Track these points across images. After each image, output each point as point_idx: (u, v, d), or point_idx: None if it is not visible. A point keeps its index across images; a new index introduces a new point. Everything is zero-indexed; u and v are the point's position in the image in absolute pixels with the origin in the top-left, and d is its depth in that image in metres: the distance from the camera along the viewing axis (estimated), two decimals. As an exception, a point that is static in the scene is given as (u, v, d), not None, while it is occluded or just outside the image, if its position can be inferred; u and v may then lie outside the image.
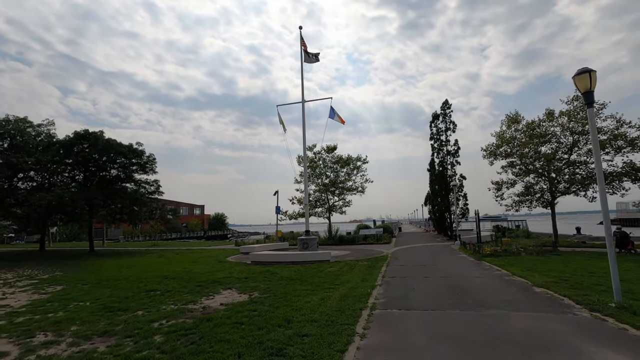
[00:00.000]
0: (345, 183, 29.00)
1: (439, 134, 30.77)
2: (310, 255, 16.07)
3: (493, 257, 14.57)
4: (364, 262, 14.66)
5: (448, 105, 30.62)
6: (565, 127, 20.24)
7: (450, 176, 29.76)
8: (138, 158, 27.82)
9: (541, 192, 21.36)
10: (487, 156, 23.37)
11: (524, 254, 15.06)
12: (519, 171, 22.42)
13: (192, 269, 14.22)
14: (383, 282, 9.85)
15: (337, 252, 20.57)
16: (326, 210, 29.80)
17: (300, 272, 12.43)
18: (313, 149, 30.03)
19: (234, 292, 9.06)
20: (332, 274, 11.68)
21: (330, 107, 21.36)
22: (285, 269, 13.49)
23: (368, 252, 19.60)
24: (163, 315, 6.78)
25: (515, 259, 13.80)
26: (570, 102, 19.86)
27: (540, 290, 7.94)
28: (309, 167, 29.49)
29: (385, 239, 28.17)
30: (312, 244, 19.83)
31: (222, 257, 19.61)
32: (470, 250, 17.12)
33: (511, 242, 18.45)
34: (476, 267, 12.31)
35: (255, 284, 10.25)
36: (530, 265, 11.88)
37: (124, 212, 26.70)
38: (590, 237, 25.53)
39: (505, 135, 22.54)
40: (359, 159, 29.44)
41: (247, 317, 6.41)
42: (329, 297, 7.79)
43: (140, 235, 65.11)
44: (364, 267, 13.00)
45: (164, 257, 21.32)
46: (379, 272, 11.79)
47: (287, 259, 15.77)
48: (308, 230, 20.66)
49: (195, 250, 26.98)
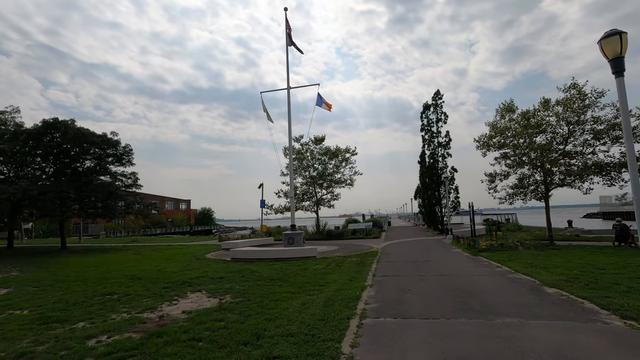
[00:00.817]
0: (333, 175, 27.87)
1: (429, 125, 29.88)
2: (295, 251, 14.92)
3: (490, 252, 13.68)
4: (353, 259, 13.60)
5: (439, 96, 29.72)
6: (561, 117, 19.47)
7: (441, 168, 28.95)
8: (113, 149, 26.13)
9: (535, 184, 20.62)
10: (480, 147, 22.49)
11: (522, 249, 14.22)
12: (512, 162, 21.66)
13: (165, 268, 12.92)
14: (374, 282, 8.77)
15: (325, 247, 19.50)
16: (314, 203, 28.65)
17: (283, 270, 11.28)
18: (300, 140, 28.77)
19: (202, 296, 7.85)
20: (317, 272, 10.56)
21: (318, 94, 20.15)
22: (267, 266, 12.33)
23: (357, 248, 18.58)
24: (107, 328, 5.53)
25: (514, 254, 12.92)
26: (567, 90, 19.04)
27: (553, 291, 6.96)
28: (295, 159, 28.24)
29: (374, 233, 27.25)
30: (298, 239, 18.70)
31: (202, 254, 18.33)
32: (464, 245, 16.24)
33: (506, 236, 17.65)
34: (474, 264, 11.36)
35: (229, 285, 9.05)
36: (531, 261, 10.98)
37: (97, 207, 25.05)
38: (582, 230, 25.05)
39: (498, 125, 21.69)
40: (347, 150, 28.30)
41: (210, 330, 5.22)
42: (312, 302, 6.66)
43: (122, 230, 63.08)
44: (352, 264, 11.93)
45: (140, 254, 19.91)
46: (369, 269, 10.73)
47: (270, 256, 14.59)
48: (294, 224, 19.50)
49: (176, 246, 25.56)
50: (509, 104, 20.93)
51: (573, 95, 18.81)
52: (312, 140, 28.63)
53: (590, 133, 18.58)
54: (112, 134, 26.06)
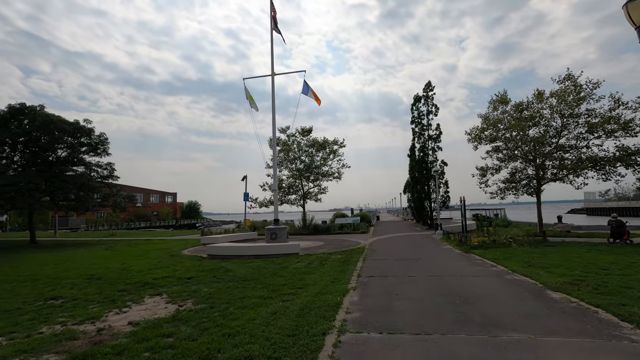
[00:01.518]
0: (320, 168, 26.85)
1: (420, 118, 29.06)
2: (277, 247, 13.92)
3: (482, 249, 12.92)
4: (338, 256, 12.67)
5: (431, 87, 28.88)
6: (555, 110, 18.81)
7: (432, 162, 28.23)
8: (87, 137, 24.56)
9: (527, 178, 20.02)
10: (472, 140, 21.80)
11: (515, 245, 13.50)
12: (504, 156, 21.01)
13: (131, 266, 11.78)
14: (358, 284, 7.84)
15: (310, 243, 18.55)
16: (300, 197, 27.63)
17: (260, 269, 10.28)
18: (286, 131, 27.61)
19: (161, 301, 6.80)
20: (297, 271, 9.58)
21: (304, 81, 19.03)
22: (244, 264, 11.31)
23: (343, 243, 17.69)
24: (25, 346, 4.45)
25: (508, 252, 12.18)
26: (561, 81, 18.38)
27: (560, 297, 6.13)
28: (281, 151, 27.12)
29: (362, 228, 26.43)
30: (281, 234, 17.69)
31: (179, 250, 17.20)
32: (455, 241, 15.48)
33: (498, 232, 16.98)
34: (467, 262, 10.54)
35: (196, 287, 8.01)
36: (528, 259, 10.22)
37: (70, 199, 23.55)
38: (572, 225, 24.73)
39: (490, 117, 20.97)
40: (335, 142, 27.26)
41: (151, 350, 4.20)
42: (284, 311, 5.68)
43: (105, 224, 61.13)
44: (336, 263, 10.99)
45: (112, 249, 18.64)
46: (354, 268, 9.81)
47: (249, 252, 13.56)
48: (277, 219, 18.46)
49: (155, 240, 24.29)
50: (502, 95, 20.21)
51: (567, 87, 18.18)
52: (299, 132, 27.52)
53: (584, 126, 18.00)
54: (85, 122, 24.49)
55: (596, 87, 17.37)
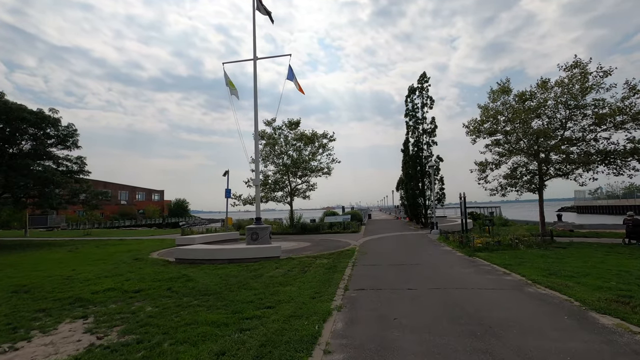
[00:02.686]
0: (309, 163, 25.14)
1: (414, 110, 27.54)
2: (254, 250, 12.20)
3: (487, 252, 11.41)
4: (324, 260, 11.03)
5: (426, 79, 27.37)
6: (559, 100, 17.40)
7: (426, 157, 26.75)
8: (53, 128, 22.43)
9: (530, 174, 18.63)
10: (470, 133, 20.35)
11: (523, 247, 12.04)
12: (503, 150, 19.60)
13: (80, 273, 9.96)
14: (345, 300, 6.20)
15: (295, 243, 16.88)
16: (287, 194, 25.90)
17: (229, 277, 8.57)
18: (272, 123, 25.82)
19: (78, 330, 5.05)
20: (272, 282, 7.91)
21: (289, 66, 17.29)
22: (213, 271, 9.59)
23: (332, 244, 16.06)
24: None
25: (517, 255, 10.69)
26: (568, 68, 16.97)
27: (613, 324, 4.57)
28: (267, 145, 25.36)
29: (353, 227, 24.85)
30: (263, 235, 15.99)
31: (148, 252, 15.39)
32: (454, 242, 13.97)
33: (500, 232, 15.52)
34: (474, 269, 8.99)
35: (139, 305, 6.29)
36: (544, 265, 8.72)
37: (30, 195, 21.46)
38: (573, 224, 23.54)
39: (490, 108, 19.52)
40: (324, 135, 25.56)
41: None
42: (238, 349, 4.00)
43: (87, 222, 58.56)
44: (321, 269, 9.33)
45: (76, 251, 16.71)
46: (341, 277, 8.17)
47: (223, 256, 11.82)
48: (259, 217, 16.73)
49: (128, 241, 22.36)
50: (504, 84, 18.74)
51: (575, 75, 16.80)
52: (286, 124, 25.75)
53: (591, 117, 16.65)
54: (50, 111, 22.36)
55: (607, 75, 16.01)
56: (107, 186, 69.86)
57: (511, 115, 18.25)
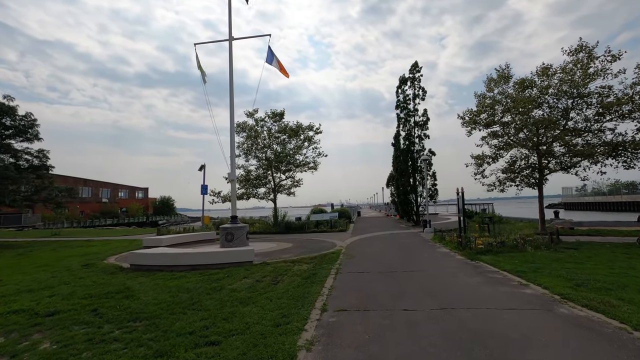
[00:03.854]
0: (293, 157, 23.41)
1: (405, 102, 26.04)
2: (223, 255, 10.46)
3: (492, 255, 9.93)
4: (303, 266, 9.38)
5: (418, 69, 25.87)
6: (560, 89, 16.06)
7: (418, 151, 25.31)
8: (8, 118, 20.23)
9: (530, 168, 17.30)
10: (466, 124, 18.95)
11: (531, 249, 10.59)
12: (500, 143, 18.24)
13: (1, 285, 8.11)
14: (319, 331, 4.54)
15: (274, 245, 15.19)
16: (270, 190, 24.14)
17: (180, 291, 6.86)
18: (254, 114, 24.00)
19: None
20: (231, 298, 6.22)
21: (268, 47, 15.55)
22: (167, 282, 7.85)
23: (316, 245, 14.43)
24: None
25: (526, 258, 9.22)
26: (573, 53, 15.61)
27: None
28: (248, 138, 23.55)
29: (340, 225, 23.26)
30: (238, 235, 14.28)
31: (107, 255, 13.54)
32: (452, 243, 12.47)
33: (502, 231, 14.10)
34: (482, 278, 7.44)
35: (34, 339, 4.54)
36: (565, 272, 7.23)
37: (-19, 192, 19.25)
38: (571, 221, 22.38)
39: (487, 97, 18.11)
40: (310, 127, 23.84)
41: None
42: None
43: (64, 221, 55.69)
44: (297, 279, 7.67)
45: (27, 255, 14.73)
46: (319, 292, 6.53)
47: (185, 261, 10.05)
48: (235, 215, 15.00)
49: (94, 242, 20.32)
50: (502, 70, 17.31)
51: (580, 60, 15.47)
52: (269, 116, 23.96)
53: (597, 106, 15.37)
54: (5, 98, 20.15)
55: (615, 59, 14.69)
56: (87, 183, 67.07)
57: (510, 104, 16.88)
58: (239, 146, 23.78)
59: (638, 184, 59.83)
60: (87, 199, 68.22)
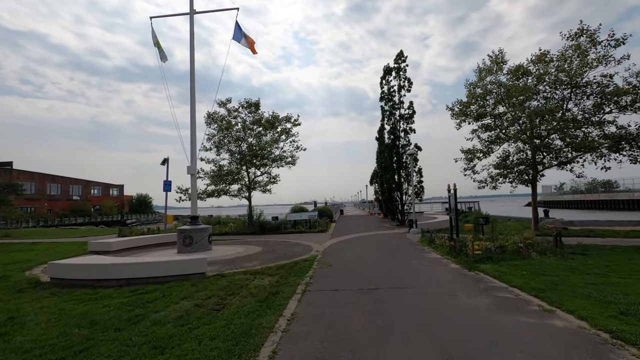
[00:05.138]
0: (268, 150, 21.41)
1: (390, 94, 24.46)
2: (168, 265, 8.45)
3: (492, 263, 8.34)
4: (264, 280, 7.52)
5: (403, 58, 24.32)
6: (558, 79, 14.73)
7: (403, 146, 23.81)
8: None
9: (525, 163, 15.96)
10: (455, 116, 17.49)
11: (536, 255, 9.08)
12: (492, 136, 16.85)
13: None
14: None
15: (242, 249, 13.24)
16: (243, 187, 22.10)
17: (80, 324, 4.90)
18: (227, 104, 21.89)
19: None
20: (145, 340, 4.32)
21: (236, 22, 13.57)
22: (77, 306, 5.88)
23: (289, 250, 12.59)
24: None
25: (534, 268, 7.66)
26: (573, 37, 14.26)
27: None
28: (220, 129, 21.44)
29: (320, 225, 21.48)
30: (199, 239, 12.34)
31: (40, 262, 11.36)
32: (444, 248, 10.87)
33: (497, 232, 12.59)
34: (491, 299, 5.77)
35: None
36: (595, 291, 5.65)
37: None
38: (562, 220, 21.34)
39: (477, 86, 16.66)
40: (287, 119, 21.92)
41: None
42: None
43: (30, 220, 51.89)
44: (249, 303, 5.79)
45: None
46: (272, 327, 4.67)
47: (118, 274, 8.02)
48: (195, 215, 13.01)
49: (42, 244, 17.88)
50: (496, 55, 15.82)
51: (580, 45, 14.14)
52: (244, 105, 21.90)
53: (596, 97, 14.13)
54: None
55: (619, 44, 13.42)
56: (55, 180, 63.14)
57: (504, 94, 15.47)
58: (209, 138, 21.68)
59: (614, 182, 60.74)
60: (56, 196, 64.26)
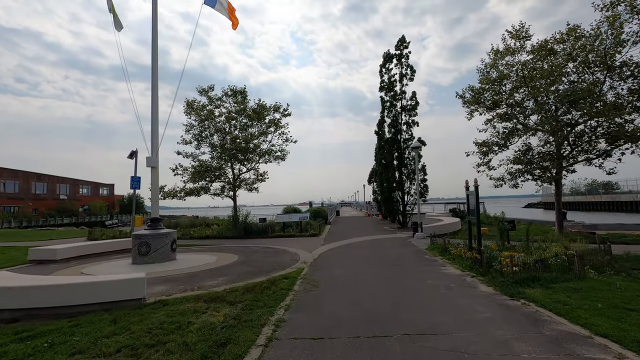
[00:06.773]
0: (254, 143, 19.05)
1: (391, 83, 22.16)
2: (85, 289, 6.01)
3: (543, 289, 6.02)
4: (217, 316, 5.15)
5: (405, 44, 22.03)
6: (587, 59, 12.50)
7: (406, 140, 21.51)
8: None
9: (547, 157, 13.71)
10: (467, 105, 15.25)
11: (594, 274, 6.76)
12: (511, 126, 14.60)
13: None
14: None
15: (213, 258, 10.80)
16: (227, 185, 19.72)
17: None
18: (209, 92, 19.50)
19: None
20: None
21: (208, -15, 11.21)
22: None
23: (269, 260, 10.20)
24: None
25: (602, 293, 5.37)
26: (608, 7, 11.98)
27: None
28: (200, 121, 19.05)
29: (313, 228, 19.09)
30: (158, 247, 9.97)
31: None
32: (463, 260, 8.53)
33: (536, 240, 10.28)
34: None
35: None
36: None
37: None
38: (583, 224, 19.11)
39: (492, 71, 14.40)
40: (276, 108, 19.57)
41: None
42: None
43: (13, 220, 49.25)
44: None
45: None
46: None
47: (11, 302, 5.61)
48: (156, 217, 10.63)
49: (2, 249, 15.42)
50: (518, 30, 13.54)
51: (616, 17, 11.90)
52: (228, 94, 19.53)
53: (634, 80, 11.93)
54: None
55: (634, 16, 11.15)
56: (41, 178, 60.53)
57: (527, 75, 13.21)
58: (188, 130, 19.28)
59: (614, 184, 58.83)
60: (41, 195, 61.63)
